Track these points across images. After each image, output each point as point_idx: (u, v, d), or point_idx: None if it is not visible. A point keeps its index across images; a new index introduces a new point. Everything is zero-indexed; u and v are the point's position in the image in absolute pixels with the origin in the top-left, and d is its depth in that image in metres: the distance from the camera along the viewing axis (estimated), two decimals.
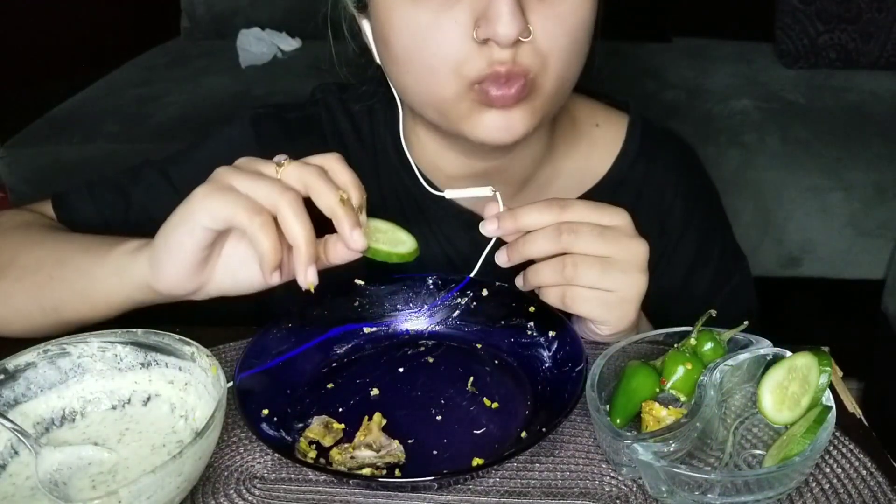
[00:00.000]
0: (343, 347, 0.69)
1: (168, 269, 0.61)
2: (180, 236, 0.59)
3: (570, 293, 0.63)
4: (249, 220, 0.56)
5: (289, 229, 0.56)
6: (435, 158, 0.77)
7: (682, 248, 0.82)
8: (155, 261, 0.61)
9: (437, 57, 0.62)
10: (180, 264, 0.60)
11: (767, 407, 0.58)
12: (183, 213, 0.59)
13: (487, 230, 0.65)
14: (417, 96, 0.67)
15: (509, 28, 0.58)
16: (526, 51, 0.61)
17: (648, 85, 1.94)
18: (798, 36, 1.97)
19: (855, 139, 1.71)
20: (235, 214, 0.56)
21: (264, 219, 0.56)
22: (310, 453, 0.57)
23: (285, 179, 0.58)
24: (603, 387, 0.59)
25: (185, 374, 0.59)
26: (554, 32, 0.62)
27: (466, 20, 0.61)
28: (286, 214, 0.56)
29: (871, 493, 0.53)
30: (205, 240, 0.59)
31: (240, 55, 2.08)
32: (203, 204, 0.57)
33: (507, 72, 0.61)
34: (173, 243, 0.60)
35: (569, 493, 0.54)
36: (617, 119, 0.83)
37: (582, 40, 0.65)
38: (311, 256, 0.57)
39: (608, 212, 0.63)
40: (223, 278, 0.63)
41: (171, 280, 0.61)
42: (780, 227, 1.70)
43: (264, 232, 0.56)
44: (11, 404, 0.57)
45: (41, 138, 1.77)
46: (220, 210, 0.57)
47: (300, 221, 0.56)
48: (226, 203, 0.56)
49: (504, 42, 0.59)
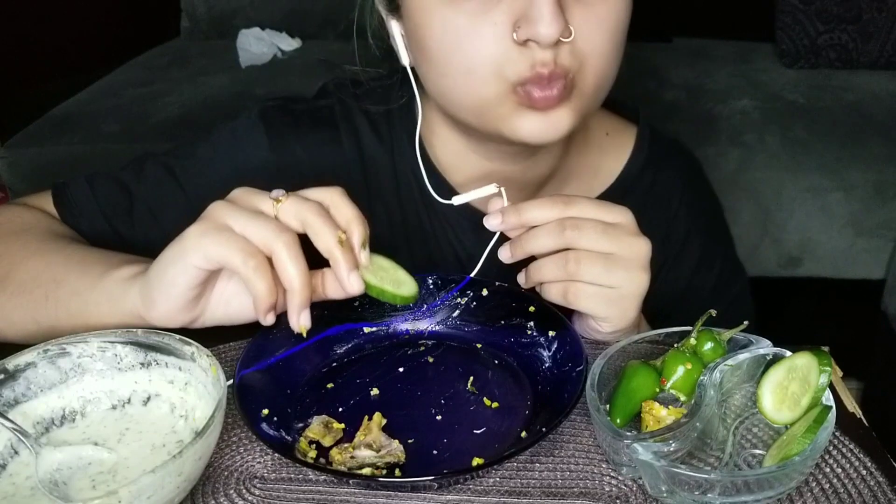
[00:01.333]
0: (343, 347, 0.69)
1: (160, 305, 0.60)
2: (173, 275, 0.58)
3: (573, 289, 0.63)
4: (244, 263, 0.55)
5: (283, 273, 0.56)
6: (456, 160, 0.77)
7: (684, 256, 0.83)
8: (146, 295, 0.61)
9: (476, 59, 0.62)
10: (172, 301, 0.60)
11: (767, 407, 0.58)
12: (176, 252, 0.58)
13: (491, 224, 0.65)
14: (456, 98, 0.67)
15: (551, 28, 0.58)
16: (566, 52, 0.62)
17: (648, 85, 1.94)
18: (798, 36, 1.97)
19: (855, 139, 1.71)
20: (229, 257, 0.55)
21: (258, 261, 0.55)
22: (310, 453, 0.57)
23: (283, 216, 0.57)
24: (603, 387, 0.59)
25: (185, 374, 0.59)
26: (592, 33, 0.62)
27: (505, 22, 0.61)
28: (282, 258, 0.55)
29: (871, 493, 0.53)
30: (197, 278, 0.58)
31: (240, 55, 2.08)
32: (197, 243, 0.57)
33: (550, 73, 0.61)
34: (165, 281, 0.59)
35: (569, 493, 0.54)
36: (627, 128, 0.84)
37: (619, 41, 0.65)
38: (306, 300, 0.57)
39: (612, 209, 0.64)
40: (216, 311, 0.62)
41: (164, 315, 0.61)
42: (780, 227, 1.70)
43: (258, 275, 0.55)
44: (11, 404, 0.57)
45: (41, 138, 1.77)
46: (213, 251, 0.56)
47: (295, 265, 0.55)
48: (220, 244, 0.56)
49: (546, 42, 0.59)
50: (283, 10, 2.20)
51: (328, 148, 0.79)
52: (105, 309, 0.64)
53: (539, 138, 0.64)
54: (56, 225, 0.77)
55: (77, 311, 0.65)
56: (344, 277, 0.57)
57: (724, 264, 0.86)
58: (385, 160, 0.80)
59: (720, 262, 0.85)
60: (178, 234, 0.58)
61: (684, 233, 0.83)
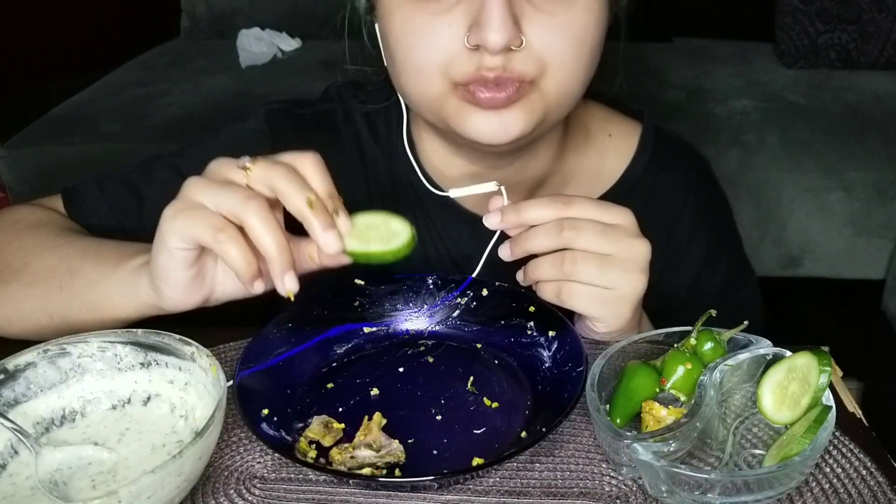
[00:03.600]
0: (343, 347, 0.69)
1: (166, 292, 0.61)
2: (163, 262, 0.59)
3: (566, 288, 0.63)
4: (214, 238, 0.55)
5: (257, 240, 0.55)
6: (442, 164, 0.77)
7: (687, 258, 0.82)
8: (154, 286, 0.62)
9: (427, 58, 0.63)
10: (174, 286, 0.60)
11: (767, 407, 0.58)
12: (158, 238, 0.58)
13: (491, 223, 0.65)
14: (411, 96, 0.68)
15: (498, 35, 0.59)
16: (520, 58, 0.62)
17: (648, 85, 1.94)
18: (798, 36, 1.97)
19: (855, 139, 1.71)
20: (200, 234, 0.55)
21: (228, 234, 0.55)
22: (310, 453, 0.57)
23: (252, 183, 0.56)
24: (603, 387, 0.59)
25: (185, 374, 0.59)
26: (553, 41, 0.63)
27: (460, 25, 0.62)
28: (252, 224, 0.55)
29: (871, 493, 0.53)
30: (186, 260, 0.58)
31: (240, 55, 2.08)
32: (170, 226, 0.57)
33: (496, 77, 0.62)
34: (160, 268, 0.60)
35: (569, 493, 0.54)
36: (630, 128, 0.83)
37: (586, 52, 0.65)
38: (286, 264, 0.55)
39: (612, 210, 0.63)
40: (225, 285, 0.63)
41: (174, 301, 0.62)
42: (780, 227, 1.70)
43: (230, 247, 0.55)
44: (11, 404, 0.57)
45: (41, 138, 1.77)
46: (185, 230, 0.56)
47: (268, 230, 0.55)
48: (189, 222, 0.56)
49: (493, 49, 0.60)
50: (283, 10, 2.20)
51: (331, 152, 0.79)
52: (120, 301, 0.64)
53: (489, 138, 0.65)
54: (70, 222, 0.78)
55: (92, 303, 0.65)
56: (319, 237, 0.55)
57: (732, 266, 0.85)
58: (382, 161, 0.80)
59: (726, 264, 0.84)
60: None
61: (689, 234, 0.82)
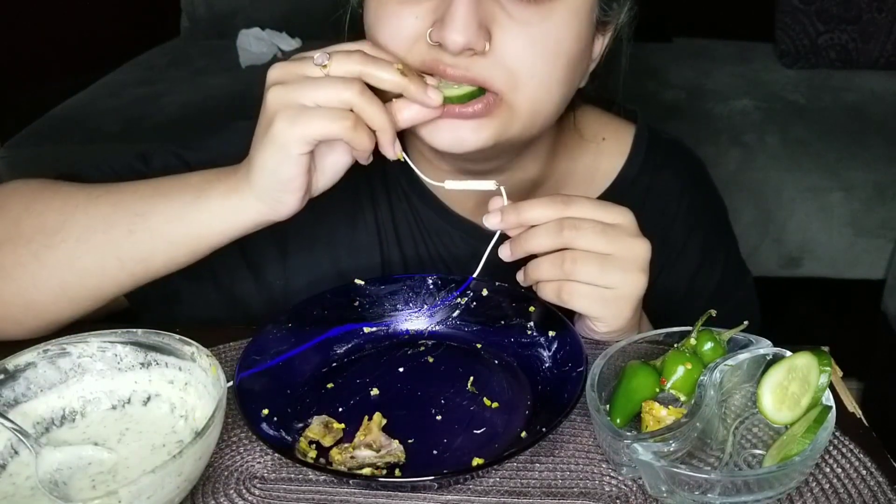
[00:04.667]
0: (343, 347, 0.69)
1: (290, 201, 0.63)
2: (288, 172, 0.60)
3: (567, 288, 0.63)
4: (342, 128, 0.58)
5: (370, 119, 0.59)
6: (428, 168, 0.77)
7: (684, 259, 0.82)
8: (270, 200, 0.62)
9: (391, 44, 0.64)
10: (296, 190, 0.62)
11: (767, 407, 0.58)
12: (275, 152, 0.60)
13: (491, 223, 0.65)
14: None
15: (458, 35, 0.59)
16: (485, 64, 0.62)
17: (648, 85, 1.94)
18: (798, 36, 1.98)
19: (855, 139, 1.71)
20: (328, 129, 0.58)
21: (352, 121, 0.59)
22: (310, 453, 0.57)
23: (337, 73, 0.59)
24: (603, 387, 0.59)
25: (185, 374, 0.59)
26: (523, 52, 0.62)
27: (426, 18, 0.62)
28: (363, 107, 0.59)
29: (871, 493, 0.53)
30: (306, 163, 0.61)
31: (240, 55, 2.08)
32: (291, 135, 0.59)
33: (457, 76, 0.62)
34: (283, 180, 0.61)
35: (569, 493, 0.54)
36: (624, 130, 0.83)
37: (561, 66, 0.65)
38: (394, 133, 0.61)
39: (612, 210, 0.63)
40: (322, 180, 0.65)
41: (294, 206, 0.63)
42: (780, 227, 1.70)
43: (358, 132, 0.59)
44: (11, 404, 0.57)
45: (41, 138, 1.77)
46: (310, 133, 0.58)
47: (378, 108, 0.59)
48: (310, 124, 0.58)
49: (451, 48, 0.60)
50: (283, 10, 2.20)
51: None
52: (220, 227, 0.65)
53: (449, 147, 0.65)
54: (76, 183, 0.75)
55: (183, 235, 0.65)
56: (424, 97, 0.60)
57: (727, 267, 0.85)
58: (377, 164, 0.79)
59: (722, 265, 0.84)
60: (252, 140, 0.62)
61: (684, 235, 0.82)
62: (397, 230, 0.80)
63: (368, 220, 0.79)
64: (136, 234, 0.65)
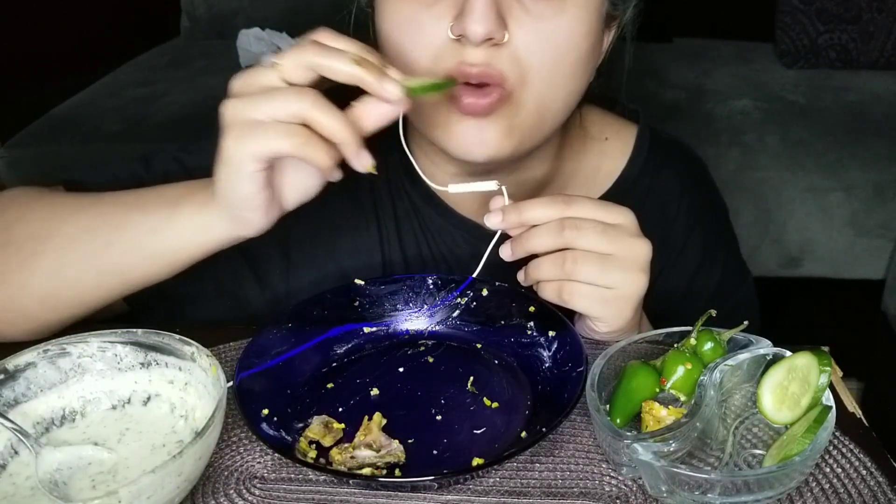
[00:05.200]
0: (343, 347, 0.69)
1: (253, 219, 0.61)
2: (242, 190, 0.59)
3: (567, 287, 0.63)
4: (292, 145, 0.55)
5: (326, 130, 0.56)
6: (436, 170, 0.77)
7: (684, 259, 0.82)
8: (234, 218, 0.61)
9: (414, 52, 0.63)
10: (256, 208, 0.60)
11: (767, 407, 0.58)
12: (228, 171, 0.58)
13: (492, 223, 0.65)
14: None
15: (480, 25, 0.59)
16: (502, 56, 0.62)
17: (648, 85, 1.94)
18: (798, 36, 1.97)
19: (855, 139, 1.71)
20: (276, 147, 0.56)
21: (303, 136, 0.56)
22: (310, 453, 0.57)
23: (289, 76, 0.57)
24: (603, 387, 0.59)
25: (185, 374, 0.59)
26: (537, 45, 0.62)
27: (445, 17, 0.62)
28: (316, 118, 0.55)
29: (871, 493, 0.53)
30: (263, 180, 0.59)
31: (240, 55, 2.08)
32: (241, 151, 0.57)
33: (480, 74, 0.62)
34: (241, 198, 0.60)
35: (569, 493, 0.54)
36: (626, 130, 0.83)
37: (570, 62, 0.65)
38: (359, 142, 0.57)
39: (613, 210, 0.64)
40: (292, 191, 0.63)
41: (260, 224, 0.62)
42: (780, 227, 1.70)
43: (311, 148, 0.56)
44: (11, 404, 0.57)
45: (41, 138, 1.77)
46: (260, 150, 0.56)
47: (333, 118, 0.56)
48: (258, 142, 0.56)
49: (473, 38, 0.60)
50: (283, 10, 2.20)
51: None
52: (193, 242, 0.64)
53: (469, 152, 0.65)
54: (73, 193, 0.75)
55: (155, 250, 0.64)
56: (380, 89, 0.56)
57: (727, 268, 0.85)
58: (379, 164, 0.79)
59: (722, 265, 0.84)
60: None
61: (684, 236, 0.82)
62: (400, 231, 0.80)
63: (370, 221, 0.79)
64: (113, 245, 0.65)
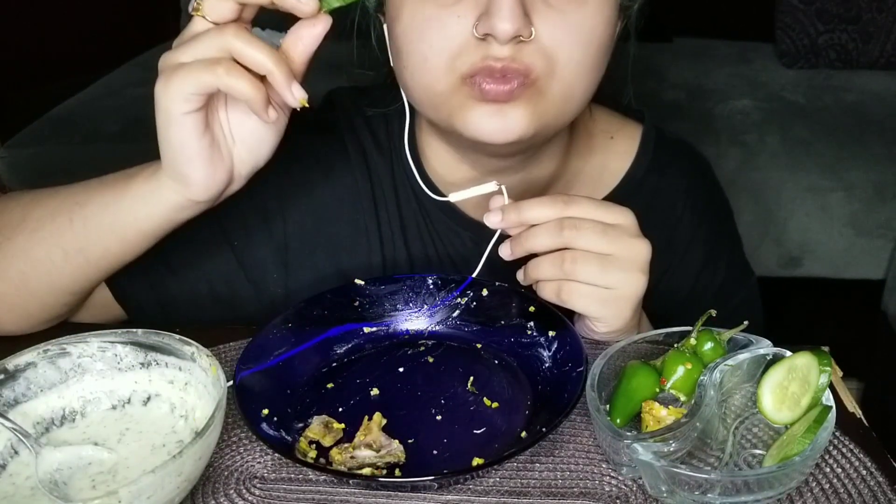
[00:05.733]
0: (343, 347, 0.69)
1: (192, 175, 0.61)
2: (177, 139, 0.59)
3: (566, 287, 0.63)
4: (214, 75, 0.55)
5: (251, 61, 0.56)
6: (445, 170, 0.77)
7: (688, 259, 0.83)
8: (176, 177, 0.61)
9: (434, 49, 0.63)
10: (196, 162, 0.60)
11: (767, 407, 0.58)
12: (161, 118, 0.59)
13: (491, 222, 0.65)
14: (414, 91, 0.68)
15: (507, 23, 0.59)
16: (529, 50, 0.62)
17: (648, 85, 1.94)
18: (798, 36, 1.97)
19: (855, 139, 1.71)
20: (200, 81, 0.55)
21: (225, 66, 0.55)
22: (310, 453, 0.57)
23: (211, 16, 0.57)
24: (603, 387, 0.59)
25: (185, 374, 0.59)
26: (563, 37, 0.62)
27: (468, 16, 0.61)
28: (239, 48, 0.55)
29: (871, 493, 0.53)
30: (196, 125, 0.58)
31: None
32: (168, 93, 0.57)
33: (504, 68, 0.61)
34: (176, 149, 0.59)
35: (569, 493, 0.54)
36: (632, 130, 0.83)
37: (593, 53, 0.65)
38: (288, 73, 0.56)
39: (612, 210, 0.64)
40: (242, 154, 0.63)
41: (203, 181, 0.61)
42: (780, 227, 1.70)
43: (233, 76, 0.55)
44: (11, 404, 0.57)
45: (41, 138, 1.77)
46: (185, 87, 0.56)
47: (255, 47, 0.55)
48: (185, 78, 0.56)
49: (501, 37, 0.59)
50: None
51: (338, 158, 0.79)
52: (144, 211, 0.64)
53: (490, 136, 0.64)
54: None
55: (110, 225, 0.65)
56: (293, 2, 0.57)
57: (731, 268, 0.85)
58: (384, 167, 0.80)
59: (726, 266, 0.84)
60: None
61: (689, 236, 0.82)
62: (405, 230, 0.80)
63: (370, 221, 0.79)
64: (75, 222, 0.65)
